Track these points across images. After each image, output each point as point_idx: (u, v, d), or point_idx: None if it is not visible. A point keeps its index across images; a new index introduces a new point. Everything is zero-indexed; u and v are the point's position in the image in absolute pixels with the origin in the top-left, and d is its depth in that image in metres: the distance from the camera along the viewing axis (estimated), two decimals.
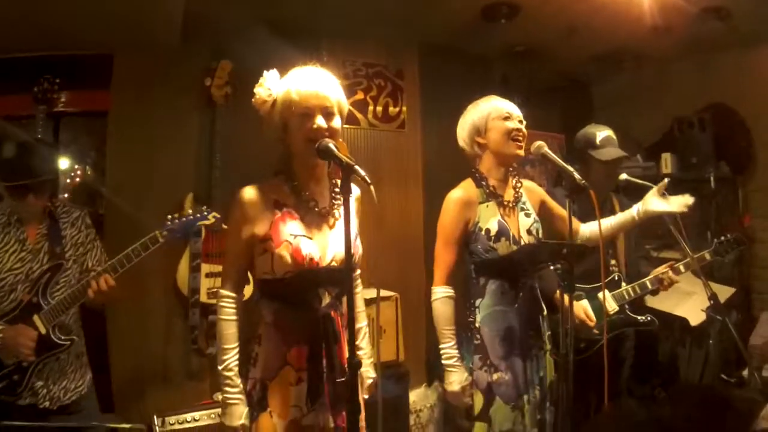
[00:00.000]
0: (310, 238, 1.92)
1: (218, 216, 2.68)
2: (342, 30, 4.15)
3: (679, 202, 2.63)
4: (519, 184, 2.58)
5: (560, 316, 2.33)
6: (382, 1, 3.76)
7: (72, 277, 2.63)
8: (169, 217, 2.63)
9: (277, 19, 3.92)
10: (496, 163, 2.52)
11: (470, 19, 4.06)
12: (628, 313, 3.03)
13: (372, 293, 3.62)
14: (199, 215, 2.68)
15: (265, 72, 1.98)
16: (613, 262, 3.08)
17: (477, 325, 2.43)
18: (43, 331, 2.47)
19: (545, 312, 2.57)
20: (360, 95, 4.23)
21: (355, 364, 1.71)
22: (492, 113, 2.50)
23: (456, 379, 2.38)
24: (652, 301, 3.43)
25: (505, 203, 2.49)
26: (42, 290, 2.50)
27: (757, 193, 4.46)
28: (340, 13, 3.94)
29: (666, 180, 2.67)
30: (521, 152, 2.49)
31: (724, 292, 3.51)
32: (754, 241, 4.43)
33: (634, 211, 2.66)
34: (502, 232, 2.41)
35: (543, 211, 2.67)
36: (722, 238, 3.00)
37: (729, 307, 3.81)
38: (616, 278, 3.05)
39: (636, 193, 3.13)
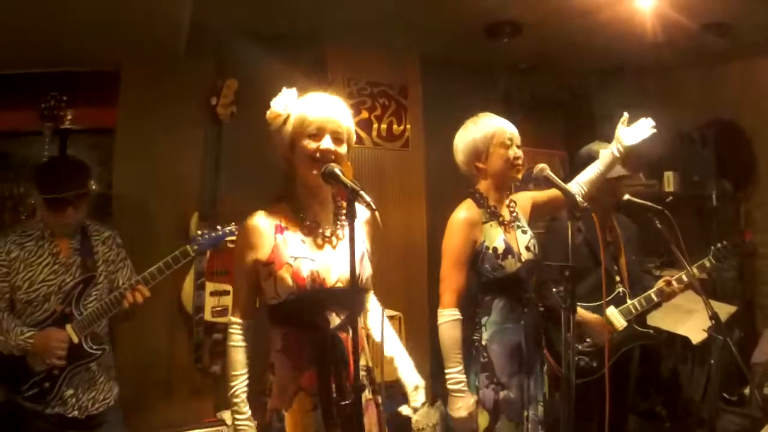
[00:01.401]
0: (313, 260, 1.90)
1: None
2: (346, 48, 4.19)
3: (644, 127, 2.66)
4: (513, 204, 2.61)
5: (564, 336, 2.34)
6: (386, 21, 3.79)
7: (103, 291, 2.70)
8: (199, 232, 2.74)
9: (282, 36, 3.96)
10: (494, 186, 2.54)
11: (473, 37, 4.10)
12: (636, 327, 3.06)
13: None
14: (228, 230, 2.76)
15: (284, 88, 1.98)
16: (617, 279, 3.10)
17: (484, 343, 2.40)
18: (75, 340, 2.54)
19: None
20: (364, 114, 4.25)
21: (359, 387, 1.74)
22: (495, 139, 2.49)
23: (464, 405, 2.32)
24: (654, 320, 3.44)
25: (506, 222, 2.51)
26: (75, 301, 2.58)
27: (759, 209, 4.47)
28: (344, 32, 3.99)
29: (626, 115, 2.69)
30: (519, 177, 2.53)
31: (726, 311, 3.52)
32: (756, 257, 4.44)
33: (613, 149, 2.67)
34: (508, 250, 2.42)
35: (538, 209, 2.72)
36: (719, 244, 3.07)
37: (731, 324, 3.82)
38: (621, 294, 3.06)
39: (638, 213, 3.15)
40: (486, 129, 2.51)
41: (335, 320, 1.90)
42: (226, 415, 3.31)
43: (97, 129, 3.82)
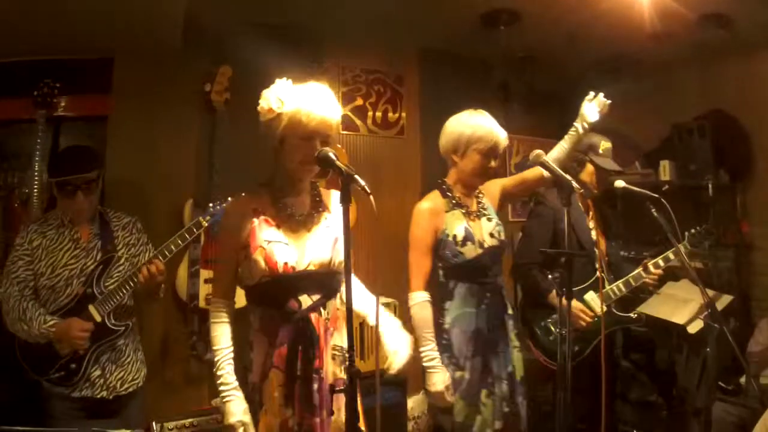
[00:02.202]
0: (286, 244, 2.00)
1: None
2: (342, 36, 4.18)
3: (601, 103, 2.75)
4: (480, 194, 2.75)
5: (560, 323, 2.37)
6: (383, 8, 3.78)
7: (125, 272, 2.73)
8: (211, 205, 2.78)
9: (278, 25, 3.94)
10: (461, 180, 2.69)
11: (470, 25, 4.08)
12: (615, 311, 3.12)
13: None
14: None
15: (278, 80, 2.02)
16: (597, 264, 3.12)
17: (446, 326, 2.56)
18: (98, 319, 2.59)
19: (510, 311, 2.71)
20: (359, 101, 4.25)
21: (354, 372, 1.74)
22: (477, 143, 2.59)
23: (439, 380, 2.46)
24: (649, 309, 3.44)
25: (470, 211, 2.66)
26: (96, 281, 2.64)
27: (755, 201, 4.47)
28: (341, 20, 3.97)
29: (592, 93, 2.78)
30: (483, 183, 2.72)
31: (723, 300, 3.51)
32: (753, 249, 4.44)
33: (578, 127, 2.77)
34: (468, 237, 2.57)
35: (509, 193, 2.88)
36: (692, 230, 3.14)
37: (727, 315, 3.82)
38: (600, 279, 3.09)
39: (634, 201, 3.16)
40: (474, 128, 2.61)
41: (307, 301, 2.00)
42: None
43: (91, 117, 3.80)
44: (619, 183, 3.06)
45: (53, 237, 2.65)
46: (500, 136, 2.62)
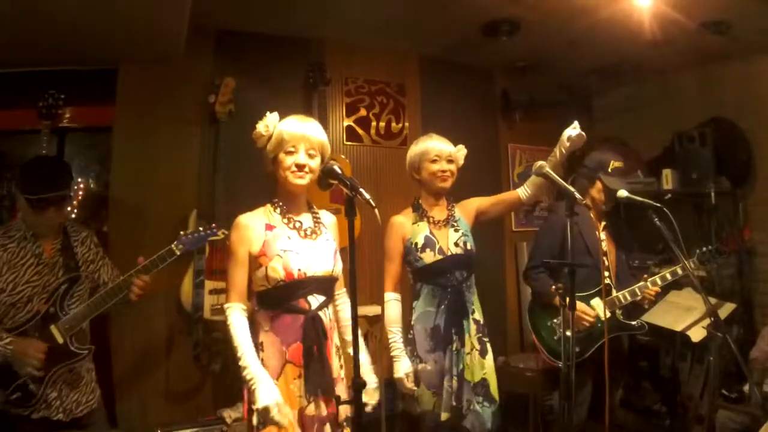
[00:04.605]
0: (298, 253, 2.21)
1: (227, 233, 2.65)
2: (344, 47, 4.20)
3: (574, 127, 2.87)
4: (451, 207, 3.02)
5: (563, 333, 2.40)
6: (384, 19, 3.80)
7: (85, 291, 2.70)
8: (182, 233, 2.68)
9: (281, 36, 3.96)
10: (428, 193, 2.99)
11: (471, 35, 4.10)
12: (620, 318, 3.20)
13: (376, 309, 3.65)
14: (209, 231, 2.73)
15: (267, 113, 2.26)
16: (606, 273, 3.21)
17: (412, 323, 2.88)
18: (60, 340, 2.52)
19: (477, 316, 2.93)
20: (363, 112, 4.27)
21: (361, 384, 1.88)
22: (423, 155, 2.95)
23: (400, 368, 2.77)
24: (653, 317, 3.45)
25: (436, 222, 2.94)
26: (59, 301, 2.57)
27: (757, 207, 4.46)
28: (343, 31, 4.00)
29: (575, 122, 2.87)
30: (446, 185, 2.93)
31: (725, 309, 3.52)
32: (755, 255, 4.44)
33: (556, 152, 2.89)
34: (427, 245, 2.87)
35: (485, 211, 3.08)
36: (704, 248, 3.22)
37: (730, 322, 3.82)
38: (607, 286, 3.19)
39: (636, 209, 3.18)
40: (421, 148, 2.98)
41: (315, 302, 2.23)
42: (226, 413, 3.32)
43: (96, 127, 3.83)
44: (622, 193, 3.08)
45: (14, 251, 2.56)
46: (441, 145, 2.94)
